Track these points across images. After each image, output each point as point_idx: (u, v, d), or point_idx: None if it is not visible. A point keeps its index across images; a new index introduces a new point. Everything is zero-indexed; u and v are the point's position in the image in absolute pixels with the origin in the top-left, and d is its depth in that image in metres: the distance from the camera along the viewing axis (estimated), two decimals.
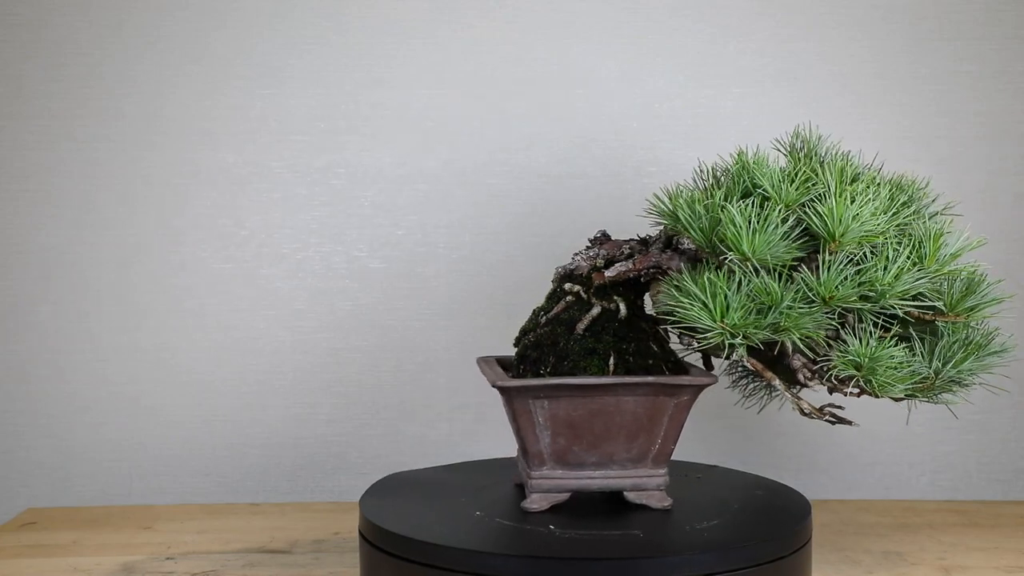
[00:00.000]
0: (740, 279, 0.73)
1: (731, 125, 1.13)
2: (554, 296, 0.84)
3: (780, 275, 0.73)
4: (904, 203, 0.80)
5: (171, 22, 1.11)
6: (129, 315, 1.12)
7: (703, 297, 0.72)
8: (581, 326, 0.79)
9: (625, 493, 0.78)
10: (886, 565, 0.88)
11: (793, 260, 0.74)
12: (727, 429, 1.12)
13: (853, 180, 0.79)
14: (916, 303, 0.75)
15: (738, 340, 0.72)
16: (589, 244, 0.84)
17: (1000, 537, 0.97)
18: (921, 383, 0.76)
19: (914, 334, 0.77)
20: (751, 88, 1.13)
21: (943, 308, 0.77)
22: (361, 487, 0.89)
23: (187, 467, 1.13)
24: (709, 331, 0.72)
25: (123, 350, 1.12)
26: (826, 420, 0.78)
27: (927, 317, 0.77)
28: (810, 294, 0.72)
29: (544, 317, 0.82)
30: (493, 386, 0.77)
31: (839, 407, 0.79)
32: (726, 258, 0.73)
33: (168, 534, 0.99)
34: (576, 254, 0.84)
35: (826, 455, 1.14)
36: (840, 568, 0.87)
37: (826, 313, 0.73)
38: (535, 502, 0.78)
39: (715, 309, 0.72)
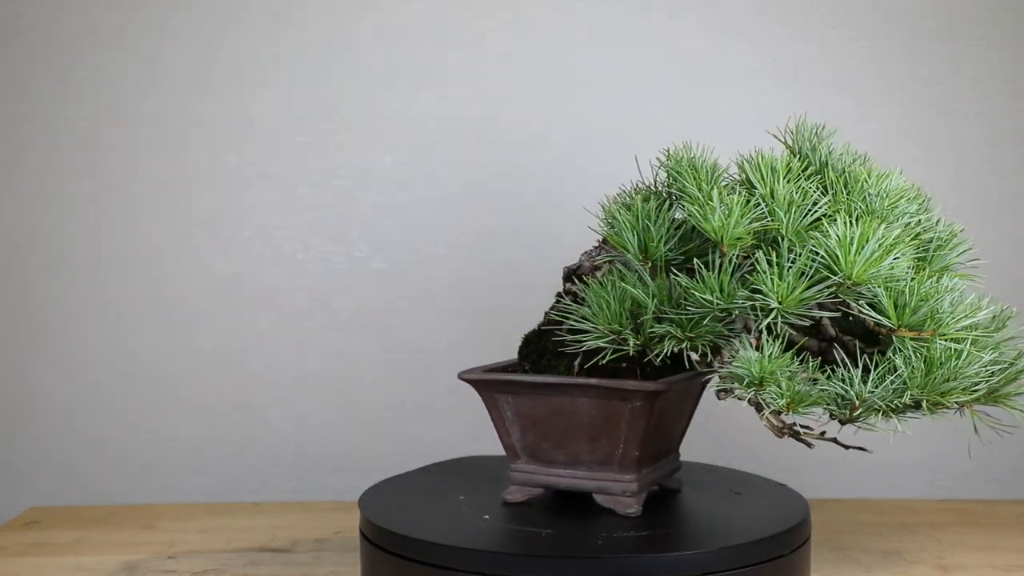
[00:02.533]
0: (620, 283, 0.72)
1: (731, 125, 1.13)
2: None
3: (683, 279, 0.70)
4: (834, 205, 0.73)
5: (173, 24, 1.12)
6: (130, 315, 1.13)
7: (591, 300, 0.73)
8: (566, 325, 0.80)
9: (594, 495, 0.78)
10: (885, 564, 0.89)
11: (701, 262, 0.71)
12: (727, 429, 1.12)
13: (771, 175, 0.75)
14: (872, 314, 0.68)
15: (627, 345, 0.72)
16: (597, 244, 0.85)
17: (998, 536, 0.97)
18: (842, 406, 0.68)
19: (868, 351, 0.70)
20: (751, 88, 1.13)
21: (889, 323, 0.68)
22: (362, 486, 0.90)
23: (189, 466, 1.13)
24: (591, 334, 0.72)
25: (124, 350, 1.13)
26: (837, 444, 0.74)
27: (881, 331, 0.69)
28: (701, 299, 0.69)
29: (547, 315, 0.83)
30: (458, 376, 0.80)
31: (811, 430, 0.73)
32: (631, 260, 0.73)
33: (170, 533, 0.99)
34: (583, 253, 0.84)
35: (825, 454, 1.14)
36: (839, 567, 0.88)
37: (725, 321, 0.69)
38: (511, 493, 0.81)
39: (598, 313, 0.72)
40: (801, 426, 0.72)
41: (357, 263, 1.14)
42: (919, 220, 0.76)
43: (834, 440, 0.72)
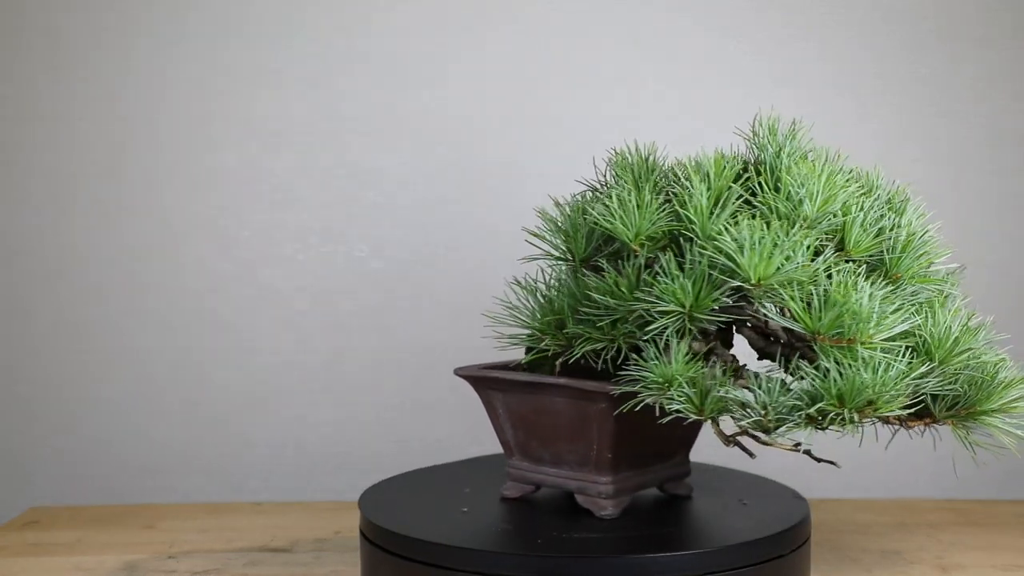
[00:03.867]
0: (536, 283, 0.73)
1: (731, 126, 1.13)
2: None
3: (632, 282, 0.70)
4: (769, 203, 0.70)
5: (173, 25, 1.12)
6: (131, 315, 1.13)
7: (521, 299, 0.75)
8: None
9: (575, 495, 0.78)
10: (884, 564, 0.89)
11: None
12: (725, 428, 1.12)
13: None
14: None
15: (544, 344, 0.73)
16: None
17: (998, 536, 0.97)
18: (749, 414, 0.66)
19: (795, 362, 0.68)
20: (751, 89, 1.13)
21: (803, 328, 0.65)
22: (363, 486, 0.90)
23: (189, 466, 1.13)
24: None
25: (125, 350, 1.13)
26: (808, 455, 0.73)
27: (806, 339, 0.66)
28: (599, 300, 0.70)
29: None
30: (455, 372, 0.82)
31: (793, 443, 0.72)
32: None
33: (170, 533, 0.99)
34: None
35: (824, 453, 1.14)
36: (839, 567, 0.88)
37: (639, 322, 0.68)
38: (508, 489, 0.82)
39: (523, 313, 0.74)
40: (756, 435, 0.69)
41: (357, 263, 1.14)
42: (863, 220, 0.71)
43: (807, 453, 0.72)
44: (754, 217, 0.69)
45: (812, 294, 0.65)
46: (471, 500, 0.82)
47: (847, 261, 0.71)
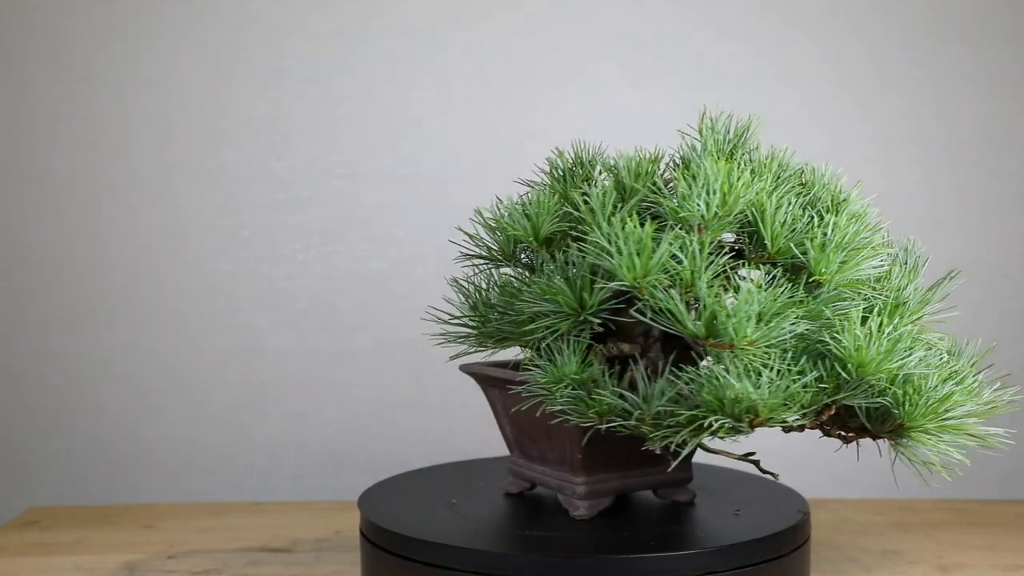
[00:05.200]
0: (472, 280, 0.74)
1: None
2: None
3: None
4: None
5: (174, 25, 1.12)
6: (132, 315, 1.13)
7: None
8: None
9: (558, 494, 0.78)
10: (884, 564, 0.89)
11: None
12: None
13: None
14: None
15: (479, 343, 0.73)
16: None
17: (998, 536, 0.97)
18: (629, 419, 0.64)
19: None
20: (751, 90, 1.13)
21: (683, 331, 0.63)
22: (363, 486, 0.90)
23: (190, 466, 1.13)
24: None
25: (126, 350, 1.13)
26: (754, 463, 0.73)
27: (700, 342, 0.63)
28: (499, 299, 0.70)
29: None
30: (460, 368, 0.82)
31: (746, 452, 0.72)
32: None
33: (171, 533, 0.99)
34: None
35: (823, 453, 1.14)
36: (838, 567, 0.88)
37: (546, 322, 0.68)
38: (509, 484, 0.83)
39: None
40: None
41: (357, 263, 1.14)
42: (775, 220, 0.68)
43: (755, 463, 0.72)
44: (654, 217, 0.67)
45: (701, 298, 0.63)
46: (472, 500, 0.82)
47: (768, 263, 0.69)
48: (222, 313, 1.13)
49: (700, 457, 1.00)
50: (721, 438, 0.63)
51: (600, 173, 0.75)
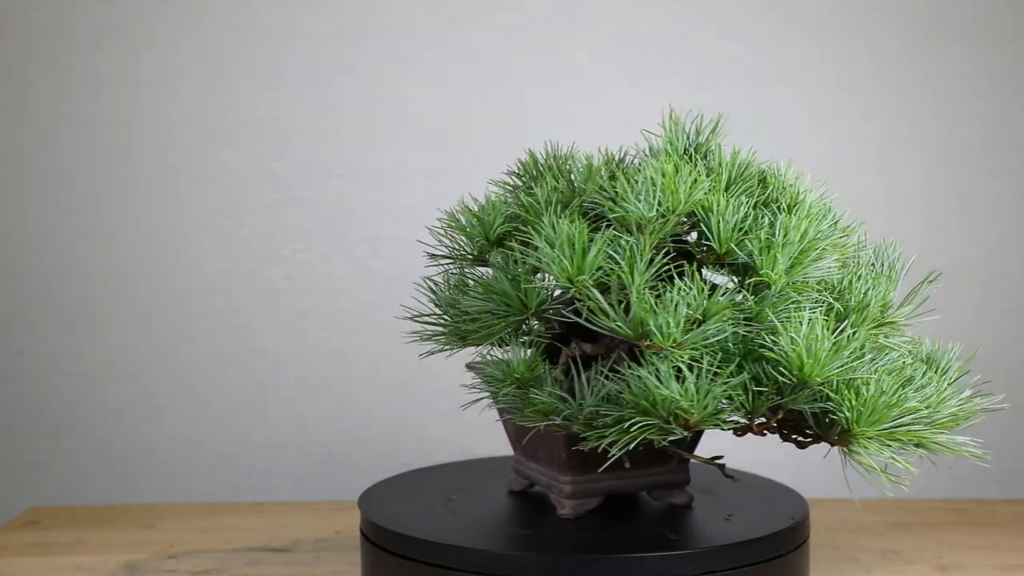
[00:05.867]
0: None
1: (731, 127, 1.13)
2: None
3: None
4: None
5: (174, 25, 1.12)
6: (132, 315, 1.13)
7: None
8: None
9: (549, 493, 0.79)
10: (883, 564, 0.89)
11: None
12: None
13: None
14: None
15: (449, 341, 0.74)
16: None
17: (997, 536, 0.98)
18: (564, 419, 0.64)
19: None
20: (751, 90, 1.13)
21: (618, 335, 0.62)
22: (363, 486, 0.90)
23: (190, 466, 1.14)
24: None
25: (126, 350, 1.13)
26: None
27: (642, 344, 0.63)
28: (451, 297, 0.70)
29: None
30: (465, 366, 0.82)
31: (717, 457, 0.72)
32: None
33: (171, 533, 0.99)
34: None
35: (823, 453, 1.14)
36: (838, 566, 0.88)
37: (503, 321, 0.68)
38: (512, 483, 0.83)
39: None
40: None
41: (357, 263, 1.14)
42: (719, 220, 0.67)
43: (720, 467, 0.72)
44: (600, 217, 0.66)
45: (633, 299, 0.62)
46: (472, 500, 0.82)
47: (718, 264, 0.68)
48: (222, 313, 1.13)
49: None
50: (652, 440, 0.63)
51: (562, 174, 0.74)
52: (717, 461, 0.71)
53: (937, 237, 1.14)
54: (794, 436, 0.69)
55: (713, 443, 1.16)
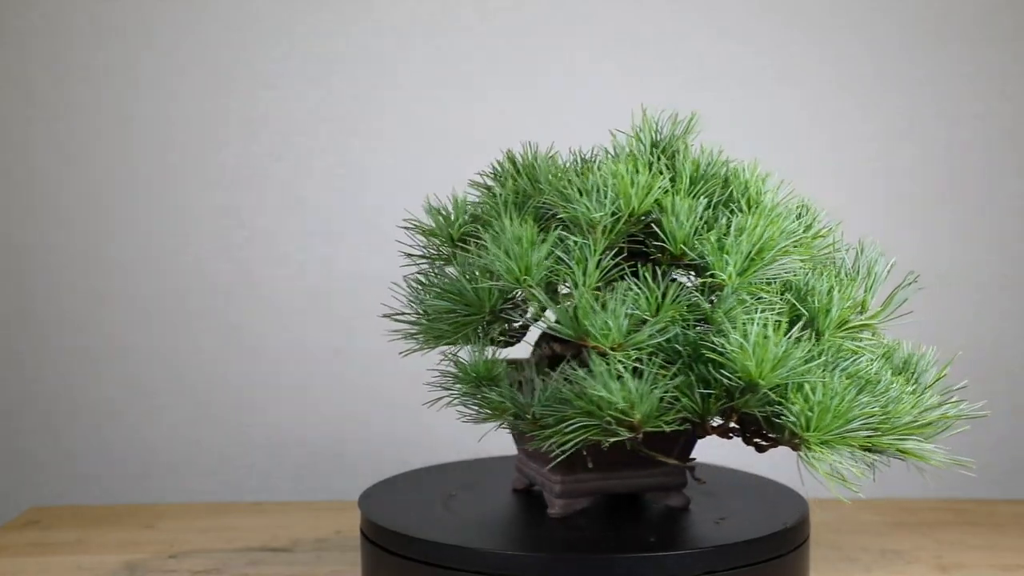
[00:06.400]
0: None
1: (731, 127, 1.13)
2: None
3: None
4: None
5: (174, 25, 1.12)
6: (132, 315, 1.13)
7: None
8: None
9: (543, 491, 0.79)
10: (884, 563, 0.89)
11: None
12: None
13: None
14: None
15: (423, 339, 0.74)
16: None
17: (998, 536, 0.98)
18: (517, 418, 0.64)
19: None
20: (751, 90, 1.13)
21: (568, 336, 0.61)
22: (363, 486, 0.90)
23: (190, 466, 1.14)
24: None
25: (126, 350, 1.13)
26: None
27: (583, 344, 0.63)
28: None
29: None
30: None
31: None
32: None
33: (171, 532, 0.99)
34: None
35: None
36: (838, 566, 0.88)
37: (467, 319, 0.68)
38: (515, 481, 0.84)
39: None
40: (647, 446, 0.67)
41: (358, 263, 1.14)
42: (672, 220, 0.66)
43: (690, 470, 0.72)
44: (553, 217, 0.66)
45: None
46: (473, 499, 0.82)
47: (673, 265, 0.67)
48: (222, 313, 1.13)
49: (703, 458, 1.01)
50: (597, 441, 0.63)
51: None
52: (688, 463, 0.71)
53: (937, 237, 1.14)
54: (756, 440, 0.68)
55: (712, 444, 1.16)
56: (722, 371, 0.61)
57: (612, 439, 0.62)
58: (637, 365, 0.61)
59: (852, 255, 0.73)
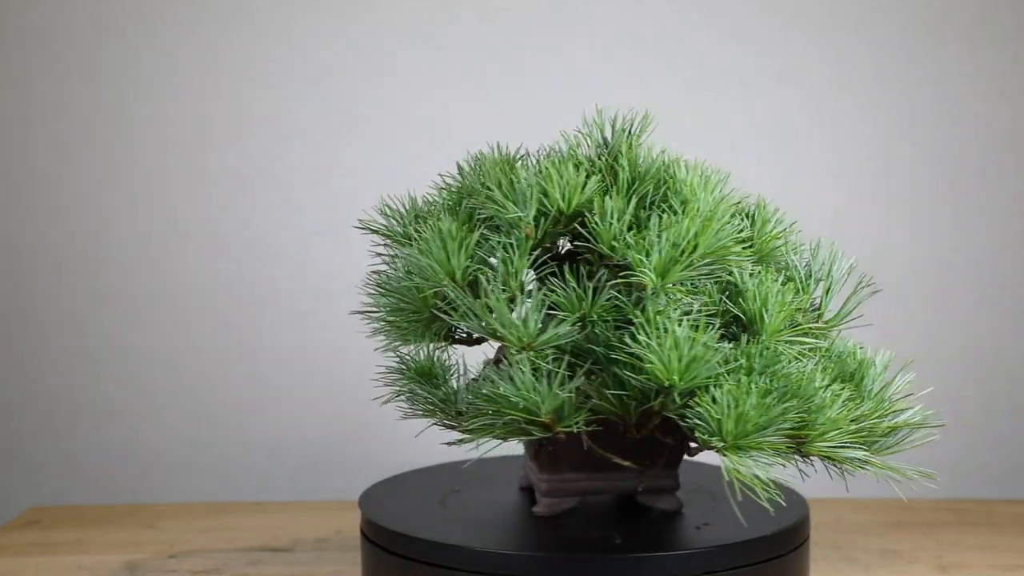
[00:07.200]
0: None
1: (731, 127, 1.13)
2: None
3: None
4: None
5: (174, 25, 1.12)
6: (132, 315, 1.13)
7: None
8: None
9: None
10: (883, 563, 0.89)
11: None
12: None
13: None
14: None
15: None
16: None
17: (997, 536, 0.98)
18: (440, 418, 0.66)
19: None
20: (751, 90, 1.13)
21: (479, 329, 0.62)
22: (363, 486, 0.90)
23: (191, 466, 1.14)
24: None
25: (127, 350, 1.13)
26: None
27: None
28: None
29: None
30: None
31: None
32: None
33: (172, 532, 0.99)
34: None
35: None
36: (838, 566, 0.88)
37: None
38: (521, 479, 0.84)
39: None
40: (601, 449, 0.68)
41: (358, 263, 1.14)
42: (600, 220, 0.65)
43: (641, 473, 0.72)
44: (488, 218, 0.67)
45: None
46: (473, 499, 0.82)
47: (605, 266, 0.67)
48: (222, 313, 1.13)
49: (704, 458, 1.01)
50: (505, 439, 0.63)
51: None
52: (645, 467, 0.71)
53: (937, 237, 1.14)
54: (691, 443, 0.68)
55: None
56: (628, 372, 0.61)
57: (524, 438, 0.63)
58: (543, 364, 0.61)
59: (807, 257, 0.72)
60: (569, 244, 0.71)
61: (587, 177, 0.67)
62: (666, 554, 0.69)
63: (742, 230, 0.69)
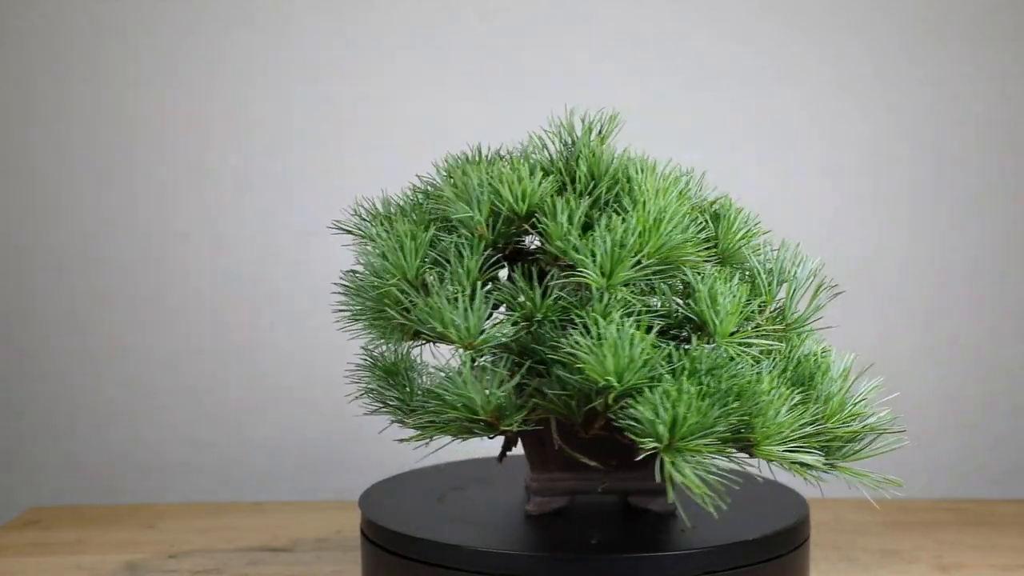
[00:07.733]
0: None
1: (731, 127, 1.13)
2: None
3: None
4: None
5: (174, 24, 1.12)
6: (132, 315, 1.13)
7: None
8: None
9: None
10: (883, 563, 0.89)
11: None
12: None
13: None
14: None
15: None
16: None
17: (997, 536, 0.98)
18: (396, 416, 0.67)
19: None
20: (751, 90, 1.13)
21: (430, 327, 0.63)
22: (363, 486, 0.90)
23: (191, 466, 1.14)
24: None
25: (127, 350, 1.13)
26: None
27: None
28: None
29: None
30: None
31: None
32: None
33: (172, 532, 0.99)
34: None
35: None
36: (838, 566, 0.88)
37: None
38: (524, 478, 0.83)
39: None
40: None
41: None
42: (553, 221, 0.65)
43: (604, 473, 0.72)
44: (445, 220, 0.68)
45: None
46: (473, 499, 0.82)
47: (556, 266, 0.66)
48: (222, 313, 1.13)
49: None
50: (456, 436, 0.65)
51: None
52: (609, 467, 0.71)
53: (936, 236, 1.14)
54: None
55: None
56: (564, 371, 0.61)
57: (468, 436, 0.64)
58: (484, 363, 0.62)
59: (772, 259, 0.71)
60: (537, 244, 0.70)
61: (542, 177, 0.67)
62: (665, 554, 0.69)
63: (702, 230, 0.68)
